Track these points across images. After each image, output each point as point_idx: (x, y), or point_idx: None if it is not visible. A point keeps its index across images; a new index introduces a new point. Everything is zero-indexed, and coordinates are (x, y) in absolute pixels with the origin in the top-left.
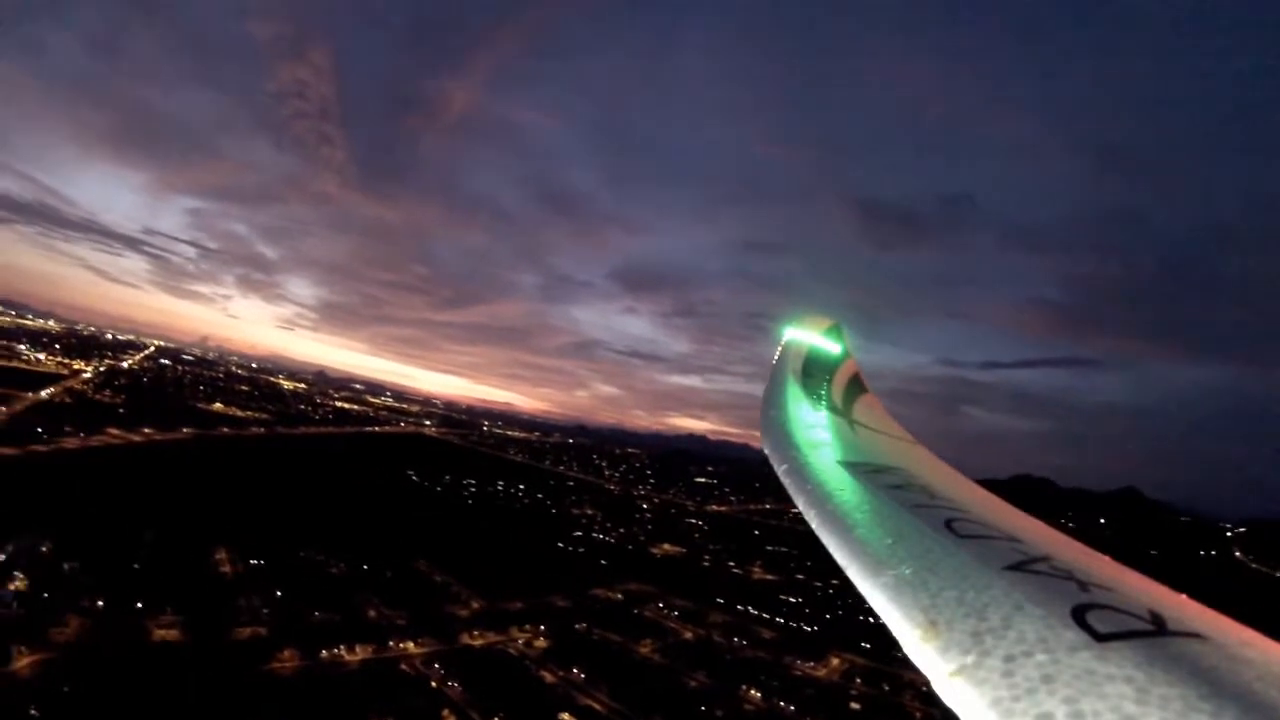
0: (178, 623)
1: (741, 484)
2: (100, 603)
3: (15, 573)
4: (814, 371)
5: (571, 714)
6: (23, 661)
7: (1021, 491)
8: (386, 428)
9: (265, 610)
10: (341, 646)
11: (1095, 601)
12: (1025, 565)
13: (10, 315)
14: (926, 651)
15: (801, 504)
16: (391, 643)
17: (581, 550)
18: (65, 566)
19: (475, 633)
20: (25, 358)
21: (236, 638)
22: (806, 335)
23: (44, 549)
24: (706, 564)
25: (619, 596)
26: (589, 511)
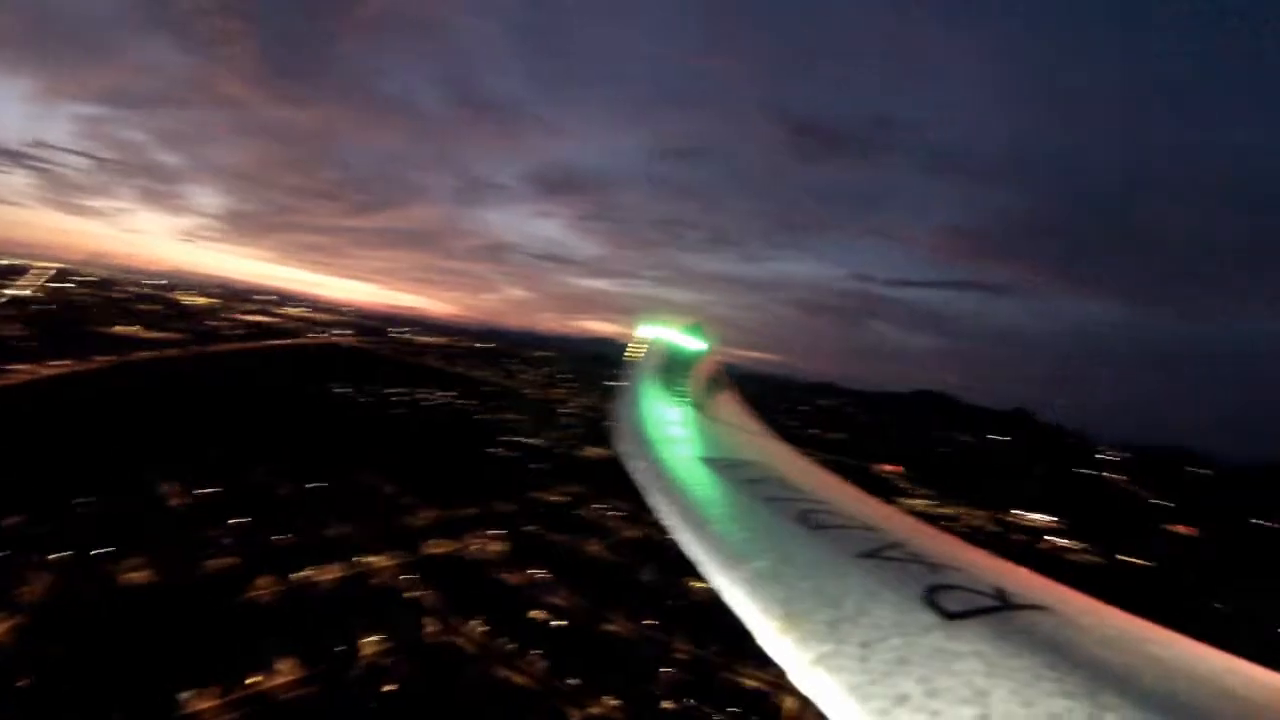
0: (144, 563)
1: None
2: (58, 555)
3: None
4: (673, 369)
5: (543, 610)
6: None
7: (922, 405)
8: (301, 339)
9: (227, 540)
10: (310, 568)
11: (945, 582)
12: (879, 552)
13: None
14: (784, 643)
15: (656, 501)
16: (357, 559)
17: (515, 454)
18: (11, 521)
19: (434, 541)
20: None
21: (207, 570)
22: (666, 333)
23: None
24: None
25: (558, 499)
26: (513, 416)
